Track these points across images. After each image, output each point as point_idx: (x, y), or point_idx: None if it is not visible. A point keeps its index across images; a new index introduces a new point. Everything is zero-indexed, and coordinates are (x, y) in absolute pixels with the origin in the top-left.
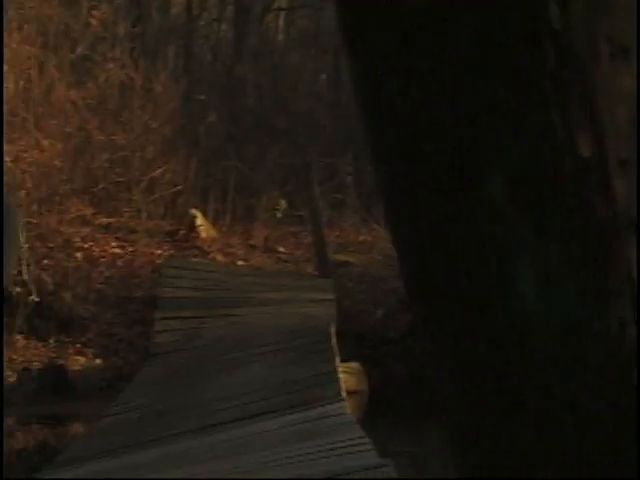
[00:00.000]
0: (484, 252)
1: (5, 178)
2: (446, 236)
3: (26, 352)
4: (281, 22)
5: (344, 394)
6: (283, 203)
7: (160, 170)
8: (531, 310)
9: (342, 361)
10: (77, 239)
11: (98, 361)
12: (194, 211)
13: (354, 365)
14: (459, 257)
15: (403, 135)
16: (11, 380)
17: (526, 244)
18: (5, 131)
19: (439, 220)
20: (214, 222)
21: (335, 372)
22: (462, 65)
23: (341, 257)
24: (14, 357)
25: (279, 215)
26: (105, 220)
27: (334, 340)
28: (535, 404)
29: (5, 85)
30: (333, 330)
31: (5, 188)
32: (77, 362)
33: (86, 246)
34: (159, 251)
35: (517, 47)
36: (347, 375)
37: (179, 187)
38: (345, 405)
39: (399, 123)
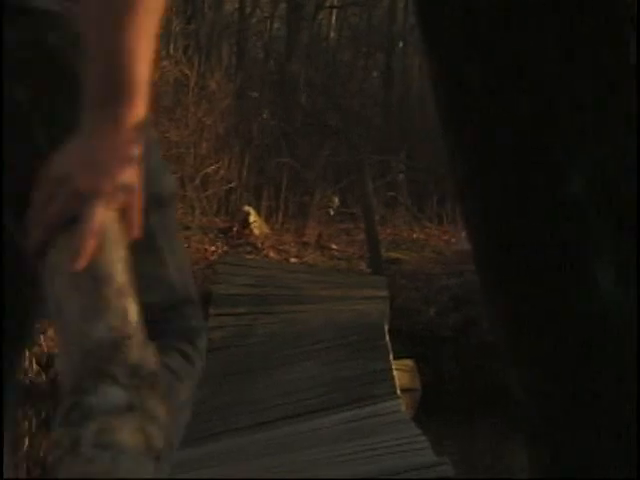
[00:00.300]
0: (564, 251)
1: None
2: (526, 235)
3: None
4: (333, 20)
5: (398, 392)
6: (336, 200)
7: (214, 167)
8: (611, 309)
9: (395, 359)
10: None
11: None
12: (247, 208)
13: (407, 362)
14: (539, 256)
15: (483, 134)
16: None
17: (607, 243)
18: None
19: (520, 219)
20: (267, 219)
21: (389, 369)
22: (544, 63)
23: (393, 255)
24: None
25: (332, 212)
26: None
27: (387, 337)
28: (614, 403)
29: None
30: (386, 327)
31: None
32: None
33: None
34: (212, 248)
35: (600, 45)
36: (400, 372)
37: (232, 184)
38: (400, 403)
39: (480, 121)
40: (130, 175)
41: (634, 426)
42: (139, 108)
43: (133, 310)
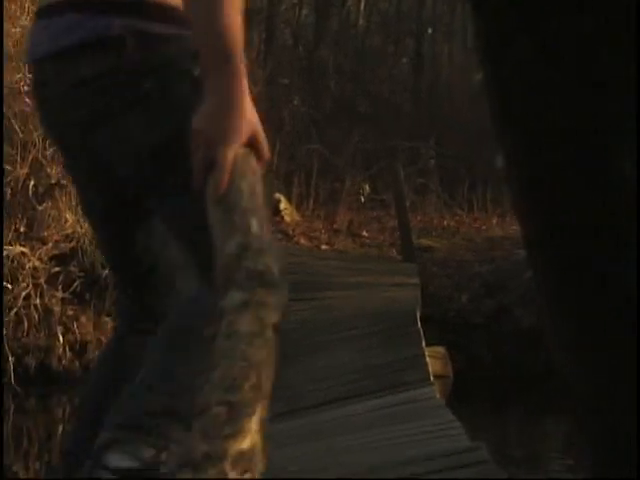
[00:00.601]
0: (614, 236)
1: None
2: (577, 221)
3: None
4: (362, 6)
5: (432, 378)
6: (366, 187)
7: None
8: None
9: (427, 346)
10: None
11: None
12: (278, 195)
13: (439, 349)
14: (590, 242)
15: (534, 119)
16: None
17: None
18: None
19: (569, 206)
20: (298, 206)
21: (422, 356)
22: (595, 48)
23: (425, 242)
24: (102, 338)
25: (362, 199)
26: None
27: (419, 324)
28: None
29: None
30: (418, 314)
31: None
32: None
33: None
34: None
35: None
36: (432, 359)
37: (263, 171)
38: (434, 389)
39: (531, 106)
40: (249, 115)
41: None
42: (241, 64)
43: (254, 224)
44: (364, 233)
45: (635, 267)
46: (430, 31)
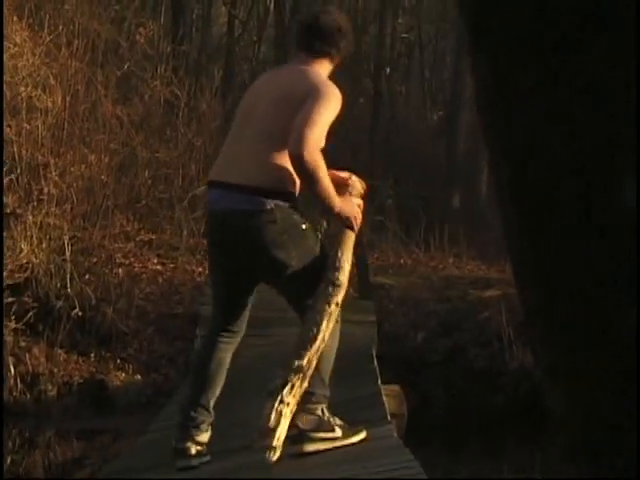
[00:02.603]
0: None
1: None
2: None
3: (67, 366)
4: None
5: (389, 417)
6: (324, 224)
7: (202, 188)
8: None
9: (382, 383)
10: (119, 254)
11: (138, 377)
12: None
13: (394, 388)
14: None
15: (535, 135)
16: (52, 394)
17: None
18: (52, 145)
19: (571, 227)
20: None
21: (379, 394)
22: (603, 67)
23: (381, 279)
24: (55, 371)
25: (320, 236)
26: (147, 236)
27: (375, 362)
28: None
29: (52, 99)
30: (374, 352)
31: None
32: (117, 377)
33: (128, 262)
34: (200, 269)
35: None
36: (388, 397)
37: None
38: (391, 428)
39: (531, 123)
40: (357, 215)
41: None
42: (336, 200)
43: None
44: None
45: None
46: (388, 71)
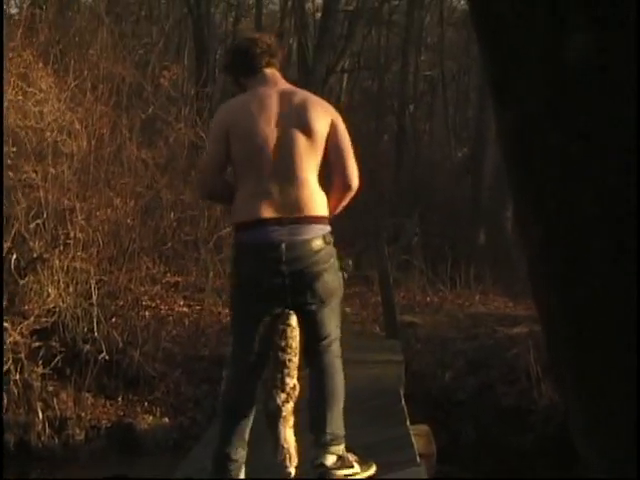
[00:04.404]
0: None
1: None
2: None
3: (95, 410)
4: (344, 83)
5: (419, 459)
6: (350, 263)
7: (227, 229)
8: None
9: (411, 423)
10: (146, 297)
11: (166, 420)
12: None
13: (423, 428)
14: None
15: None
16: (80, 438)
17: None
18: (78, 189)
19: (604, 286)
20: None
21: (408, 436)
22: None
23: (408, 318)
24: (83, 415)
25: (346, 275)
26: (173, 279)
27: (403, 402)
28: None
29: (78, 143)
30: (402, 392)
31: None
32: (145, 421)
33: (154, 304)
34: (226, 310)
35: None
36: (416, 437)
37: None
38: (421, 470)
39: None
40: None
41: None
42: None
43: None
44: (347, 309)
45: None
46: (411, 108)
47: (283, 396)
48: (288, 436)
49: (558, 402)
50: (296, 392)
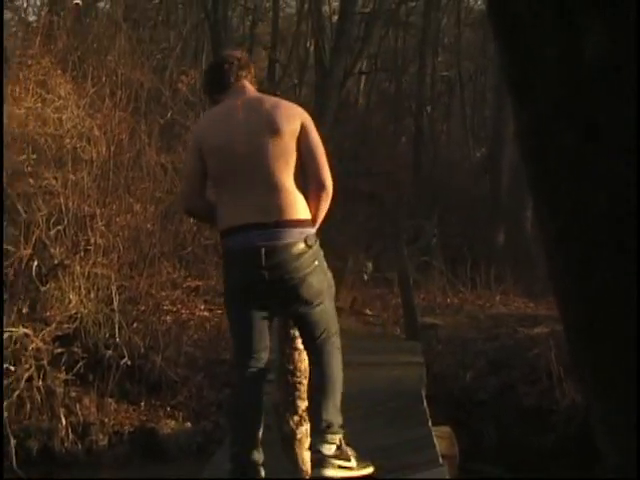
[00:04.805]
0: None
1: None
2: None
3: (117, 415)
4: (362, 85)
5: (441, 459)
6: (369, 265)
7: None
8: None
9: (433, 425)
10: (167, 302)
11: (188, 424)
12: None
13: (445, 429)
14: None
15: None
16: (103, 443)
17: None
18: (98, 195)
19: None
20: None
21: (430, 437)
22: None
23: (428, 319)
24: (106, 420)
25: (366, 277)
26: (193, 283)
27: (425, 403)
28: None
29: (97, 150)
30: (424, 393)
31: None
32: (168, 425)
33: (175, 309)
34: None
35: None
36: (438, 439)
37: None
38: (444, 470)
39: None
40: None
41: None
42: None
43: None
44: (367, 311)
45: None
46: (429, 110)
47: (296, 419)
48: (305, 458)
49: (580, 402)
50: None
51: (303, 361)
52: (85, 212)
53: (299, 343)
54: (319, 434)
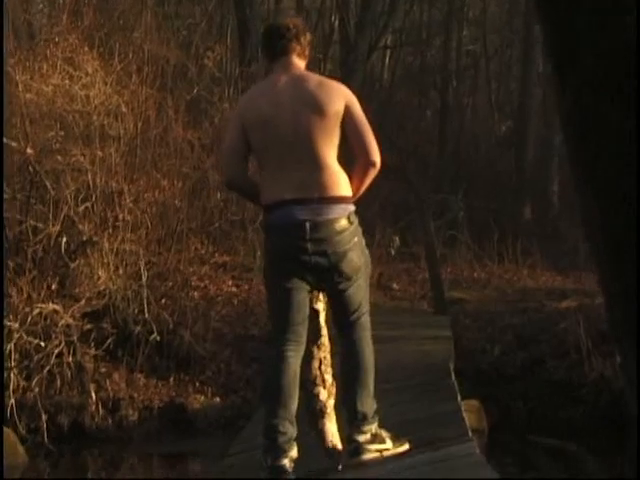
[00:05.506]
0: None
1: None
2: None
3: (147, 391)
4: (387, 60)
5: (470, 433)
6: (396, 240)
7: None
8: None
9: (461, 399)
10: (194, 278)
11: (217, 399)
12: None
13: (473, 402)
14: None
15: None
16: (133, 419)
17: None
18: (125, 172)
19: None
20: None
21: (459, 411)
22: None
23: (456, 294)
24: (135, 396)
25: (392, 252)
26: (221, 259)
27: (453, 378)
28: None
29: (124, 126)
30: (452, 367)
31: None
32: (196, 400)
33: (203, 285)
34: None
35: None
36: (467, 413)
37: None
38: (473, 445)
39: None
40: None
41: None
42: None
43: None
44: (395, 286)
45: None
46: (454, 83)
47: (325, 393)
48: (335, 432)
49: (608, 375)
50: (334, 389)
51: (326, 336)
52: (113, 188)
53: (322, 319)
54: (355, 426)
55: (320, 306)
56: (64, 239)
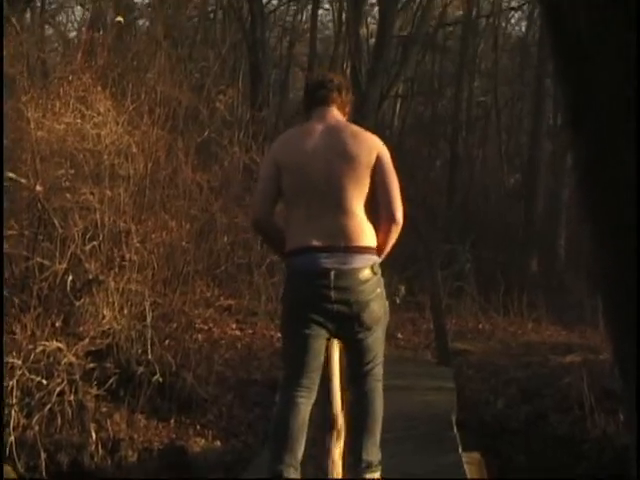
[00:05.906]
0: None
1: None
2: None
3: (147, 432)
4: (397, 108)
5: None
6: (402, 289)
7: None
8: None
9: (462, 451)
10: (199, 320)
11: (218, 443)
12: None
13: (474, 455)
14: None
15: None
16: (132, 460)
17: None
18: (134, 212)
19: None
20: None
21: (460, 463)
22: None
23: (460, 345)
24: (136, 436)
25: (398, 301)
26: (226, 302)
27: (455, 430)
28: None
29: (134, 166)
30: (454, 419)
31: None
32: (197, 443)
33: (207, 327)
34: (278, 334)
35: None
36: (468, 465)
37: None
38: None
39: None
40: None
41: None
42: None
43: None
44: (399, 335)
45: None
46: (464, 134)
47: (334, 436)
48: (337, 457)
49: (611, 432)
50: (343, 432)
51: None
52: (121, 228)
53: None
54: (359, 473)
55: (335, 355)
56: (70, 277)
